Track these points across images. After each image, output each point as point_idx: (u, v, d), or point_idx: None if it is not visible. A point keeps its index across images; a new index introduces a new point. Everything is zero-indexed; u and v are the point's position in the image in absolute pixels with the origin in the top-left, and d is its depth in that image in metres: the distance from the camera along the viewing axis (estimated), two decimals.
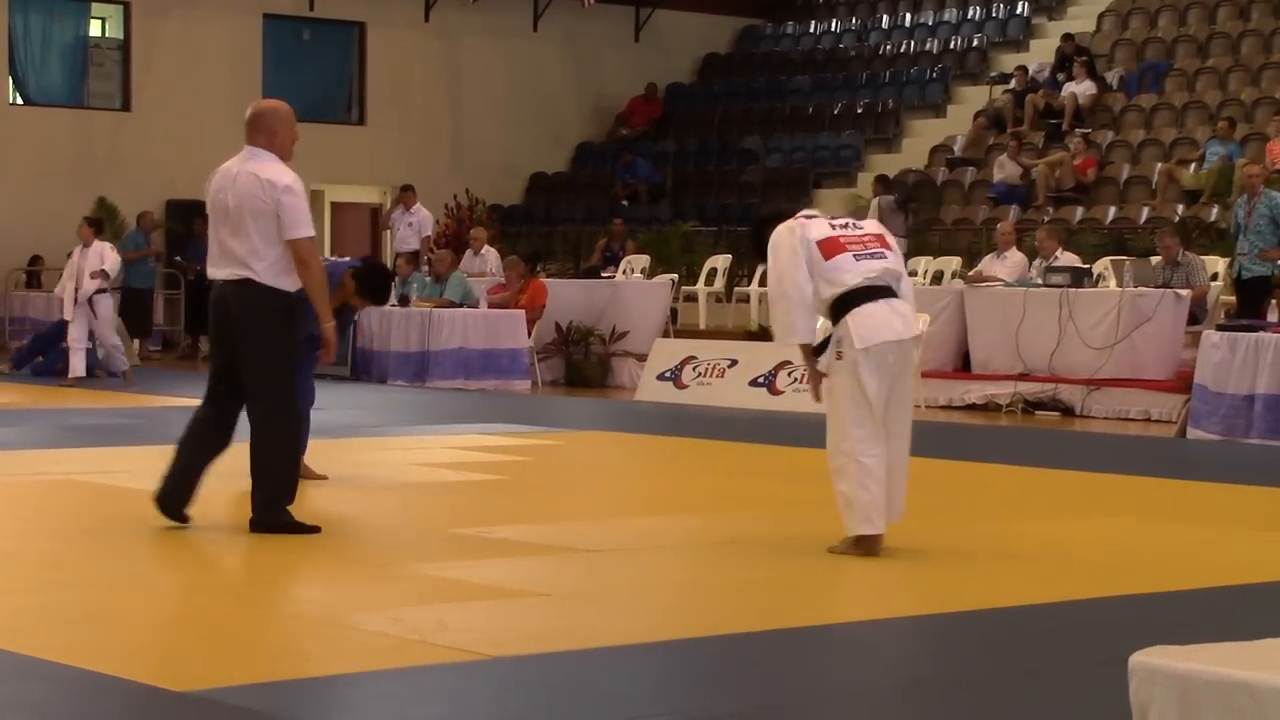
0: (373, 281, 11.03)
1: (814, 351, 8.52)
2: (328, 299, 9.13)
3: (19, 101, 28.64)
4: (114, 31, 29.47)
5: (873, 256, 8.41)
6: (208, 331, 9.40)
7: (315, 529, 8.96)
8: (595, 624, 7.01)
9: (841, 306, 8.30)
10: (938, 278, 21.76)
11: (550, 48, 32.41)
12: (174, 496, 9.00)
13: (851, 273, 8.32)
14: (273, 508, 8.93)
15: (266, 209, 8.86)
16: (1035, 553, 8.95)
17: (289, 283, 8.90)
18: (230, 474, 11.73)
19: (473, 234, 24.96)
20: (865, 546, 8.44)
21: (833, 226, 8.50)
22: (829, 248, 8.38)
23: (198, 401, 9.39)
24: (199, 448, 9.10)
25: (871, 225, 8.72)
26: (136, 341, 24.03)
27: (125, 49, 29.16)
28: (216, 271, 9.04)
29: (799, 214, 8.67)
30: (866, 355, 8.23)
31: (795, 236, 8.43)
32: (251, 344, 8.90)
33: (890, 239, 8.69)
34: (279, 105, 9.40)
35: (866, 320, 8.26)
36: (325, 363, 9.34)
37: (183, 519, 8.97)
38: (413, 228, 24.97)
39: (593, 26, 32.36)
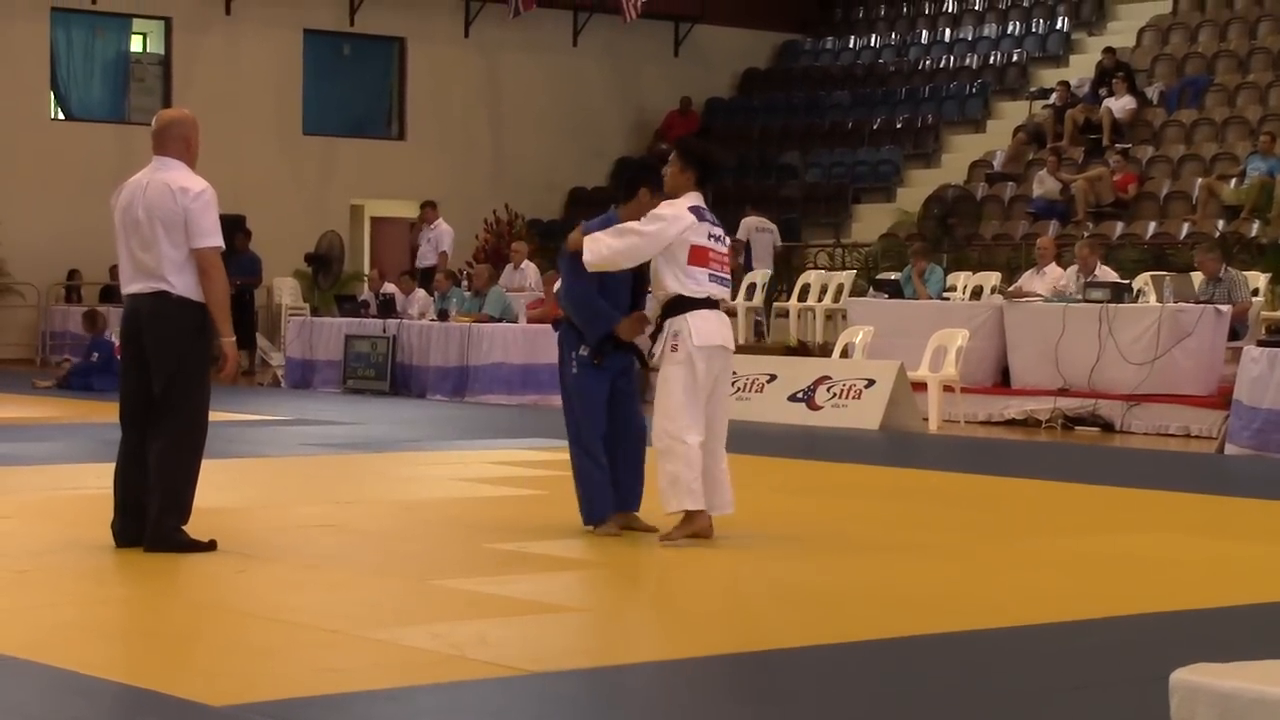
0: None
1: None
2: (229, 311, 8.83)
3: (61, 116, 28.79)
4: (155, 47, 29.62)
5: (720, 281, 9.45)
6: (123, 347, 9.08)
7: (211, 545, 8.73)
8: (634, 639, 7.00)
9: (681, 305, 9.28)
10: (977, 293, 21.70)
11: (590, 63, 32.45)
12: (133, 531, 8.79)
13: (702, 286, 9.33)
14: (163, 524, 8.67)
15: (177, 218, 8.65)
16: (1075, 568, 8.92)
17: (201, 295, 8.70)
18: (252, 489, 11.77)
19: (513, 248, 24.99)
20: (697, 526, 9.19)
21: (710, 237, 9.33)
22: (698, 256, 9.30)
23: (244, 416, 9.36)
24: (141, 477, 8.78)
25: (727, 241, 9.67)
26: None
27: (166, 64, 29.29)
28: (130, 286, 8.80)
29: (691, 200, 9.32)
30: (701, 352, 9.21)
31: (683, 234, 9.21)
32: (162, 357, 8.68)
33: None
34: (188, 114, 9.14)
35: (704, 324, 9.28)
36: (224, 380, 8.95)
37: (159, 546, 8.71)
38: (431, 243, 25.01)
39: (632, 41, 32.39)
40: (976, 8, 33.31)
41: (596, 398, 9.72)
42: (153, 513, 8.71)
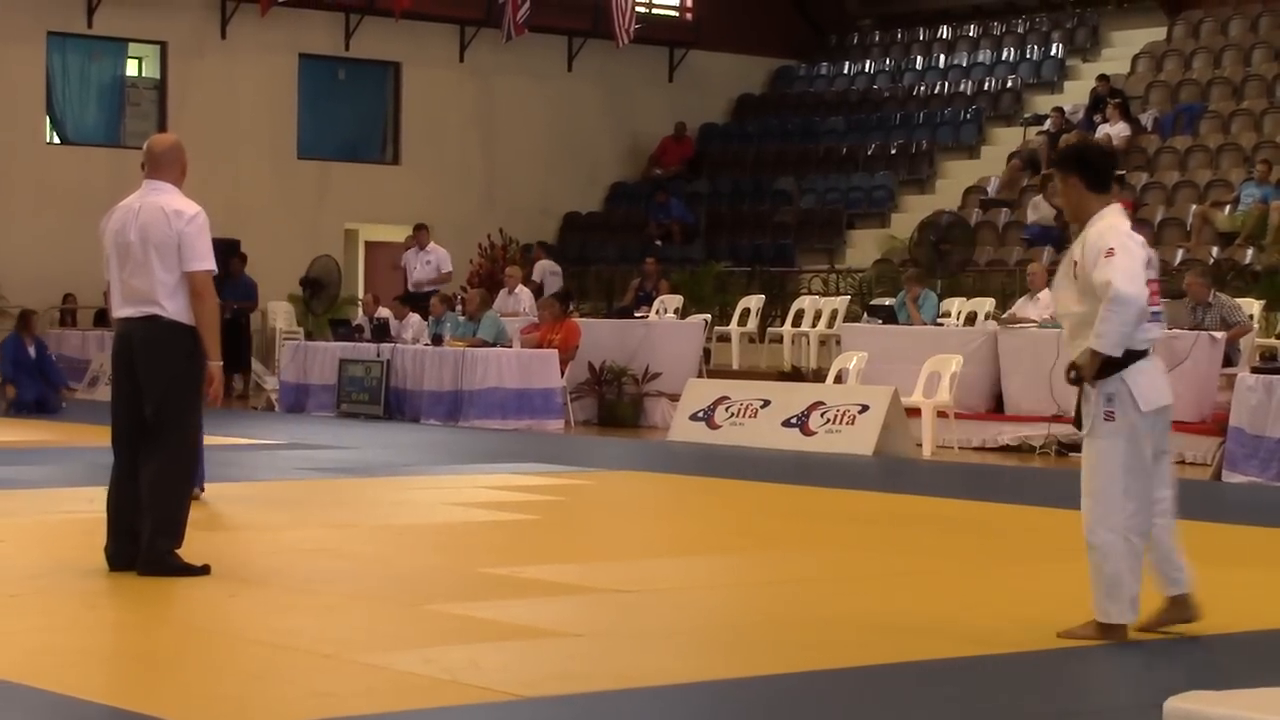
0: None
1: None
2: (218, 334, 8.81)
3: (56, 141, 28.78)
4: (150, 71, 29.62)
5: (1156, 318, 7.52)
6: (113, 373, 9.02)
7: (205, 569, 8.71)
8: (628, 664, 6.99)
9: (1121, 360, 7.32)
10: (970, 319, 21.70)
11: (585, 87, 32.48)
12: (126, 554, 8.78)
13: (1147, 329, 7.40)
14: (156, 548, 8.66)
15: (170, 240, 8.67)
16: (1070, 595, 8.89)
17: (192, 318, 8.70)
18: (246, 512, 11.76)
19: (507, 273, 25.00)
20: (1115, 635, 7.44)
21: (1147, 263, 7.45)
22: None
23: (238, 440, 9.33)
24: (133, 500, 8.76)
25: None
26: None
27: (162, 89, 29.29)
28: (121, 310, 8.78)
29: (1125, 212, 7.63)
30: (1145, 419, 7.41)
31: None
32: (154, 381, 8.69)
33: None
34: (178, 139, 9.18)
35: (1149, 379, 7.41)
36: (211, 402, 8.93)
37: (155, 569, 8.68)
38: (431, 265, 25.09)
39: (627, 66, 32.41)
40: (971, 34, 33.37)
41: None
42: (146, 536, 8.70)
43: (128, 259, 8.76)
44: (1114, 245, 7.30)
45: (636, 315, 22.92)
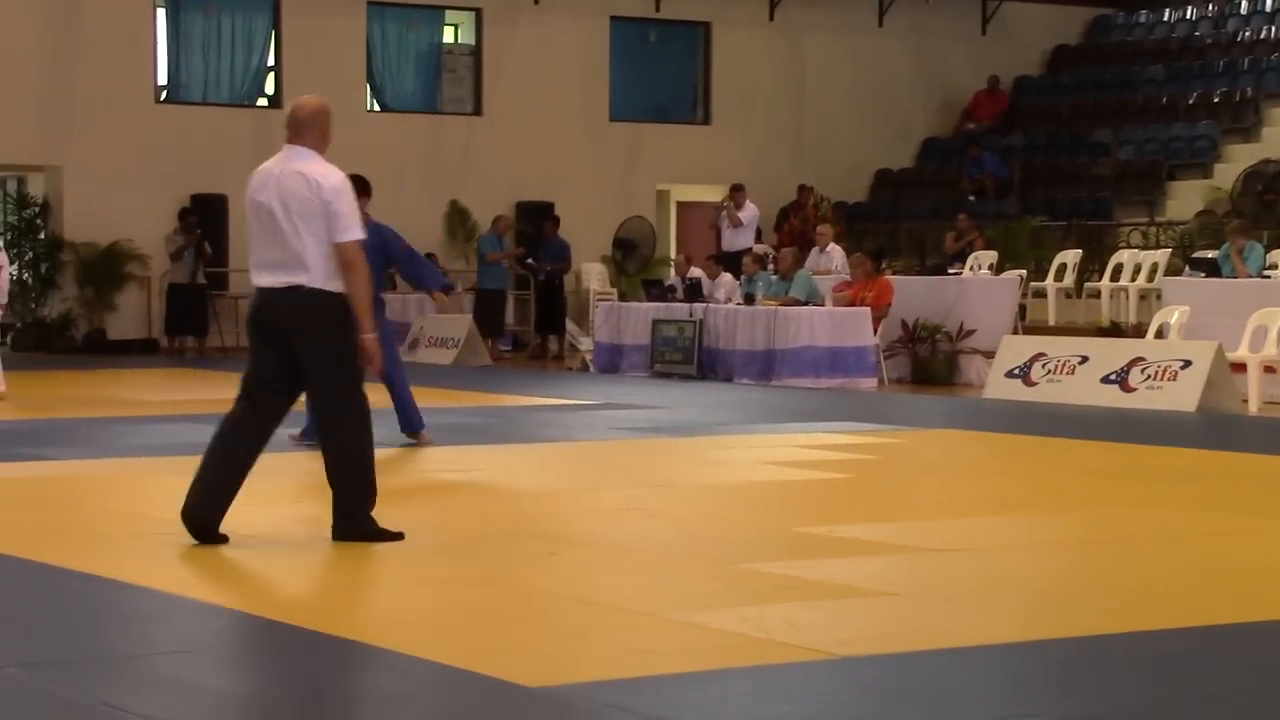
0: None
1: None
2: (370, 305, 8.51)
3: (376, 108, 29.47)
4: (466, 38, 30.14)
5: None
6: (250, 334, 8.72)
7: (399, 535, 8.59)
8: (944, 624, 6.92)
9: None
10: None
11: (895, 43, 32.19)
12: (205, 512, 8.51)
13: None
14: (352, 516, 8.58)
15: (313, 208, 8.38)
16: None
17: (337, 285, 8.44)
18: (562, 472, 11.92)
19: (818, 231, 24.94)
20: None
21: None
22: None
23: (553, 400, 9.42)
24: (226, 455, 8.55)
25: None
26: (489, 341, 24.65)
27: (477, 55, 29.79)
28: (260, 278, 8.53)
29: None
30: None
31: None
32: (312, 351, 8.47)
33: None
34: (325, 103, 8.73)
35: None
36: (374, 374, 8.73)
37: (217, 538, 8.48)
38: (750, 225, 25.45)
39: (939, 20, 32.04)
40: None
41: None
42: (339, 507, 8.60)
43: (266, 226, 8.50)
44: None
45: (950, 272, 22.67)
